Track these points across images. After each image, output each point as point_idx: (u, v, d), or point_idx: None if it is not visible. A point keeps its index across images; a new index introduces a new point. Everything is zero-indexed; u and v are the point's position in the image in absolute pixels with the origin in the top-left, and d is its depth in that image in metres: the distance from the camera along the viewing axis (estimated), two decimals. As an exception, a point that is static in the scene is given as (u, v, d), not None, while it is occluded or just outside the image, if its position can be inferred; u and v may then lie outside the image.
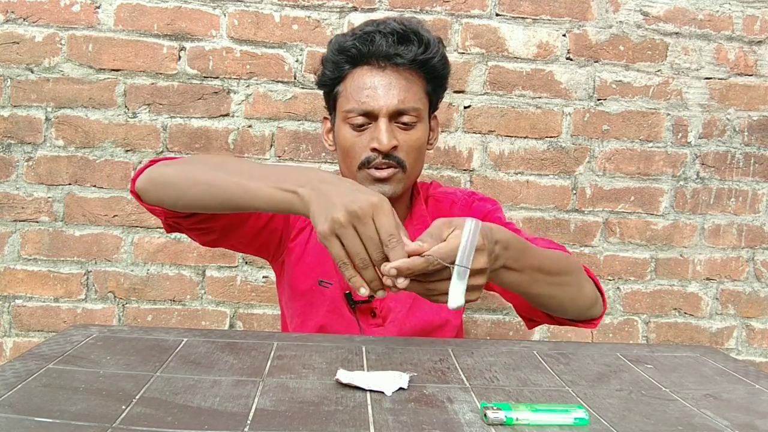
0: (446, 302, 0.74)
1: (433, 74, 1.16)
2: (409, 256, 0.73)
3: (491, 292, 1.72)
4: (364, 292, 0.75)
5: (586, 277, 1.07)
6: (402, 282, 0.73)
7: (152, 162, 1.03)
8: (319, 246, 1.17)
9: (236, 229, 1.14)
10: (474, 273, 0.75)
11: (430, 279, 0.76)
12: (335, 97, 1.17)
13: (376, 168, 1.12)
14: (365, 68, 1.13)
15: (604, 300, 1.09)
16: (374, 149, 1.11)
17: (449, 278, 0.73)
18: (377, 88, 1.11)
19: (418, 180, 1.25)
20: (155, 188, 0.98)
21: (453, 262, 0.72)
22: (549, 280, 0.95)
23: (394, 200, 1.14)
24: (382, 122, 1.10)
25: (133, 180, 1.03)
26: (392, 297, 1.17)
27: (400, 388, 0.70)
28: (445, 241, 0.75)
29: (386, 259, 0.74)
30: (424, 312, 1.19)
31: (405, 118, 1.12)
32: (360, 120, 1.12)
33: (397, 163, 1.12)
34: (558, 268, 0.98)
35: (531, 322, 1.17)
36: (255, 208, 0.89)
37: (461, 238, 0.73)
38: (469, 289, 0.75)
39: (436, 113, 1.23)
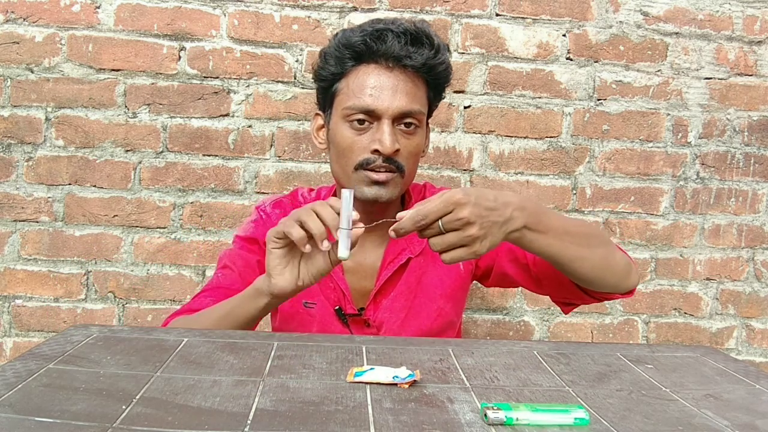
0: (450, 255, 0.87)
1: (436, 80, 1.14)
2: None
3: (508, 289, 1.73)
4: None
5: (615, 246, 1.08)
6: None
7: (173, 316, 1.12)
8: None
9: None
10: (463, 225, 0.84)
11: (433, 233, 0.86)
12: (333, 94, 1.13)
13: (375, 170, 1.09)
14: (371, 66, 1.09)
15: (635, 267, 1.11)
16: (375, 151, 1.08)
17: (440, 233, 0.85)
18: (383, 88, 1.08)
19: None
20: None
21: (433, 220, 0.84)
22: (578, 242, 0.98)
23: (386, 204, 1.13)
24: (386, 124, 1.08)
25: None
26: (384, 307, 1.17)
27: (414, 381, 0.70)
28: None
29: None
30: (420, 320, 1.18)
31: (408, 122, 1.10)
32: (361, 118, 1.09)
33: (396, 168, 1.10)
34: (584, 231, 1.01)
35: (568, 306, 1.18)
36: (252, 317, 1.01)
37: (343, 204, 0.87)
38: (465, 243, 0.85)
39: (429, 120, 1.21)
